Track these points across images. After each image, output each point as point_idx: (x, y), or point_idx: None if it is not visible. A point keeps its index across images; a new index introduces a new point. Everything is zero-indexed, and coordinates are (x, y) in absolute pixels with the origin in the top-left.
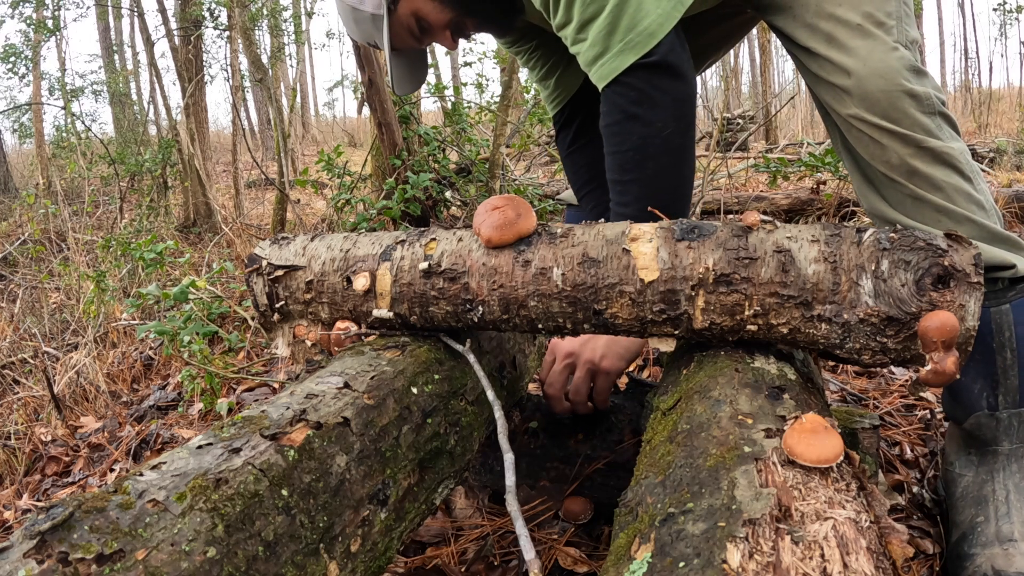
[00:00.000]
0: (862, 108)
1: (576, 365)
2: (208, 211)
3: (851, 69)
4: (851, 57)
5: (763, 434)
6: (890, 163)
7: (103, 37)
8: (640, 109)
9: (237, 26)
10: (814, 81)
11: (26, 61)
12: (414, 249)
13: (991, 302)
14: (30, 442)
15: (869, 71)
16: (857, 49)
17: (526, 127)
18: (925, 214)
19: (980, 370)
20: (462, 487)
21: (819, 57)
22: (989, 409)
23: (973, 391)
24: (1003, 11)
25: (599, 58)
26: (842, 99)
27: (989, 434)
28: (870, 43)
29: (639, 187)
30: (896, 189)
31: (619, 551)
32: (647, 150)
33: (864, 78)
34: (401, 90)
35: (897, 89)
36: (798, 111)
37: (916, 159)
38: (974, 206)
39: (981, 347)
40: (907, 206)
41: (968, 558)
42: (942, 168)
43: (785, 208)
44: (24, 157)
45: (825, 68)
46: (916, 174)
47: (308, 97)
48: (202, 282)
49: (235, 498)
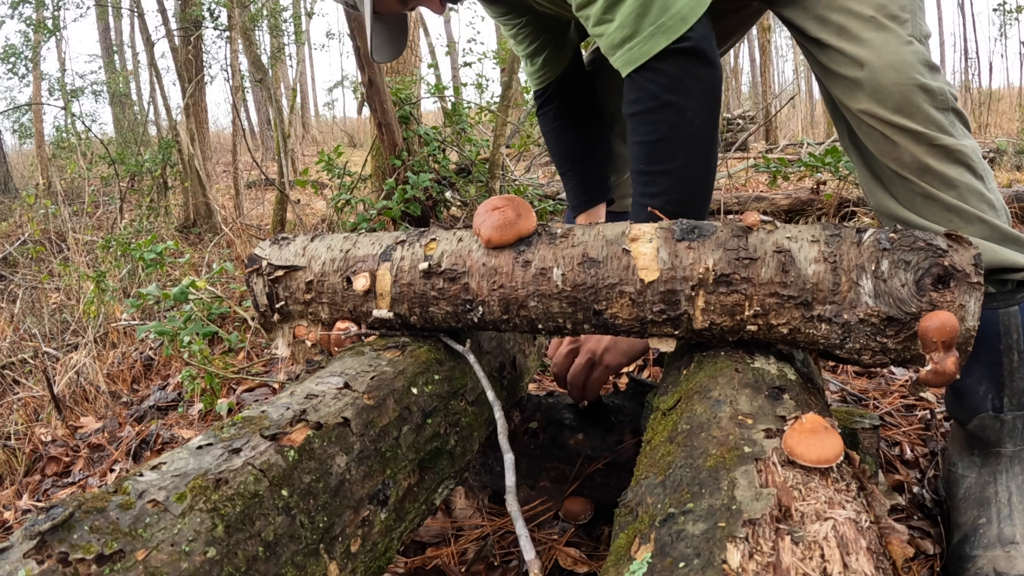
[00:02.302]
0: (874, 102)
1: (579, 352)
2: (208, 211)
3: (864, 60)
4: (864, 48)
5: (763, 434)
6: (901, 160)
7: (103, 37)
8: (673, 96)
9: (237, 26)
10: (824, 73)
11: (26, 61)
12: (414, 249)
13: (999, 303)
14: (30, 442)
15: (883, 63)
16: (871, 41)
17: (526, 127)
18: (935, 212)
19: (986, 371)
20: (462, 487)
21: (830, 49)
22: (994, 411)
23: (978, 392)
24: (1003, 11)
25: (627, 41)
26: (853, 93)
27: (993, 436)
28: (884, 35)
29: (668, 179)
30: (905, 187)
31: (619, 551)
32: (678, 140)
33: (877, 70)
34: (380, 57)
35: (911, 83)
36: (798, 111)
37: (929, 156)
38: (985, 205)
39: (987, 348)
40: (917, 204)
41: (970, 559)
42: (955, 166)
43: (785, 208)
44: (24, 157)
45: (836, 60)
46: (928, 171)
47: (308, 97)
48: (202, 282)
49: (235, 498)
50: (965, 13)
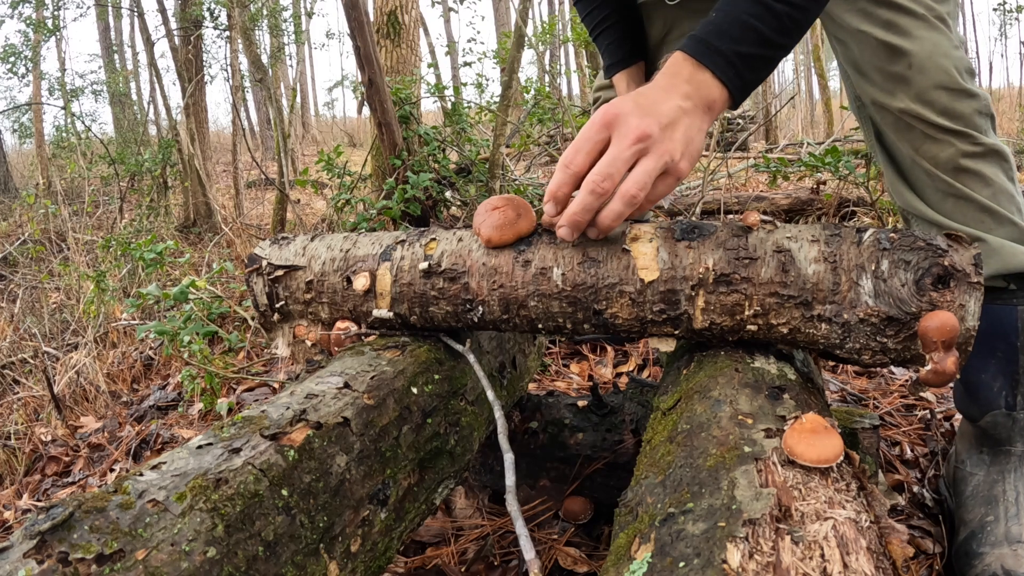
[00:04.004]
0: (918, 101)
1: (648, 152)
2: (208, 211)
3: (912, 54)
4: (914, 44)
5: (763, 434)
6: (937, 159)
7: (103, 37)
8: None
9: (237, 26)
10: (858, 69)
11: (26, 61)
12: (414, 249)
13: (1020, 300)
14: (30, 442)
15: (933, 64)
16: (922, 38)
17: (526, 127)
18: (967, 213)
19: (1001, 368)
20: (462, 487)
21: (872, 41)
22: (1007, 408)
23: (992, 389)
24: (1003, 11)
25: None
26: (893, 90)
27: (1004, 433)
28: (936, 35)
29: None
30: (936, 187)
31: (619, 551)
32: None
33: (926, 68)
34: None
35: (958, 86)
36: (798, 111)
37: (968, 157)
38: (1014, 207)
39: (1004, 345)
40: (947, 206)
41: (977, 556)
42: (991, 165)
43: (785, 208)
44: (24, 157)
45: (879, 54)
46: (965, 171)
47: (308, 97)
48: (202, 282)
49: (235, 498)
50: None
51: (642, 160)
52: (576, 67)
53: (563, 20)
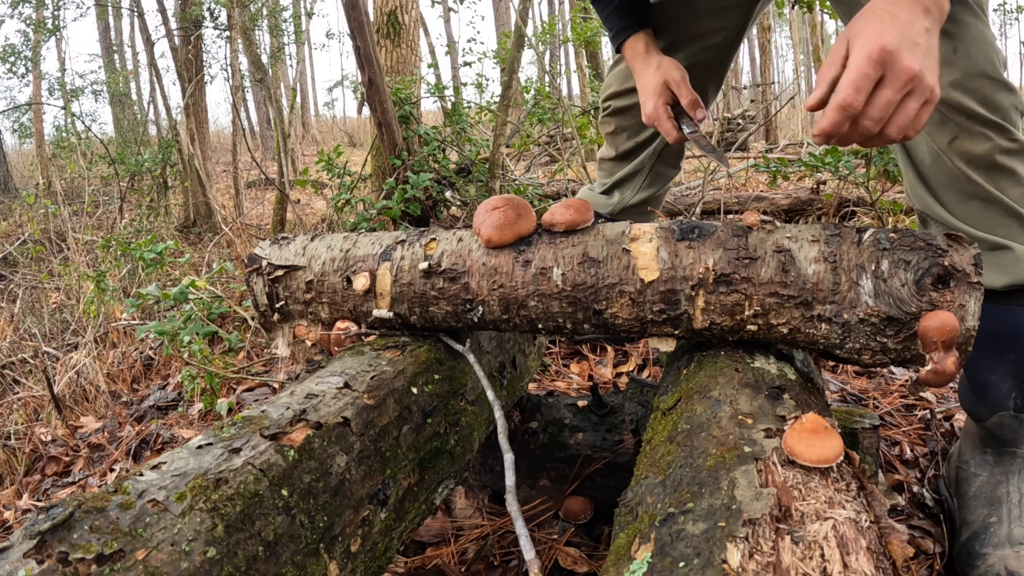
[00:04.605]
0: (958, 88)
1: (914, 93)
2: (208, 211)
3: (959, 38)
4: (960, 28)
5: (763, 434)
6: (972, 154)
7: (103, 37)
8: None
9: (237, 26)
10: None
11: (26, 61)
12: (414, 249)
13: None
14: (30, 442)
15: (978, 50)
16: (968, 23)
17: (526, 127)
18: (991, 217)
19: (1011, 369)
20: (462, 487)
21: None
22: (1015, 410)
23: (1001, 390)
24: (1003, 11)
25: None
26: None
27: (1010, 435)
28: (980, 24)
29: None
30: (958, 189)
31: (619, 551)
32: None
33: (971, 54)
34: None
35: (999, 77)
36: (798, 111)
37: (1004, 153)
38: None
39: (1015, 347)
40: (970, 209)
41: (979, 556)
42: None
43: (785, 208)
44: (24, 157)
45: None
46: (999, 168)
47: (308, 97)
48: (202, 282)
49: (235, 498)
50: None
51: (907, 101)
52: (576, 67)
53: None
